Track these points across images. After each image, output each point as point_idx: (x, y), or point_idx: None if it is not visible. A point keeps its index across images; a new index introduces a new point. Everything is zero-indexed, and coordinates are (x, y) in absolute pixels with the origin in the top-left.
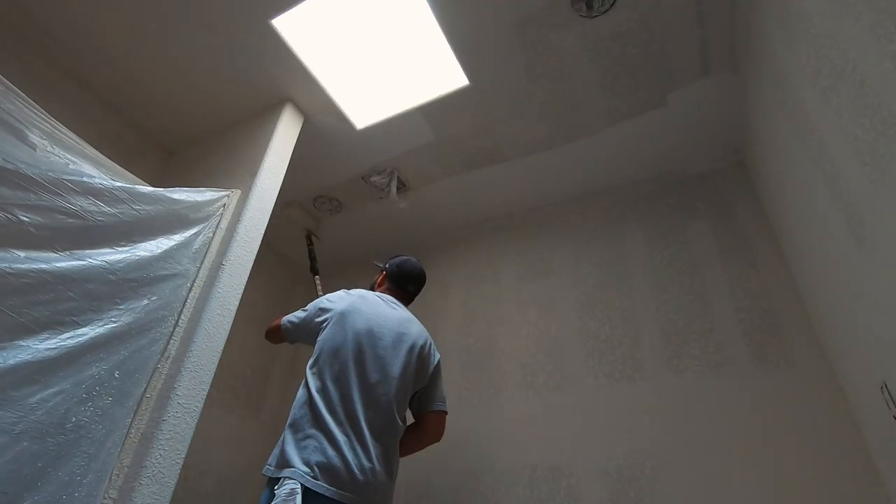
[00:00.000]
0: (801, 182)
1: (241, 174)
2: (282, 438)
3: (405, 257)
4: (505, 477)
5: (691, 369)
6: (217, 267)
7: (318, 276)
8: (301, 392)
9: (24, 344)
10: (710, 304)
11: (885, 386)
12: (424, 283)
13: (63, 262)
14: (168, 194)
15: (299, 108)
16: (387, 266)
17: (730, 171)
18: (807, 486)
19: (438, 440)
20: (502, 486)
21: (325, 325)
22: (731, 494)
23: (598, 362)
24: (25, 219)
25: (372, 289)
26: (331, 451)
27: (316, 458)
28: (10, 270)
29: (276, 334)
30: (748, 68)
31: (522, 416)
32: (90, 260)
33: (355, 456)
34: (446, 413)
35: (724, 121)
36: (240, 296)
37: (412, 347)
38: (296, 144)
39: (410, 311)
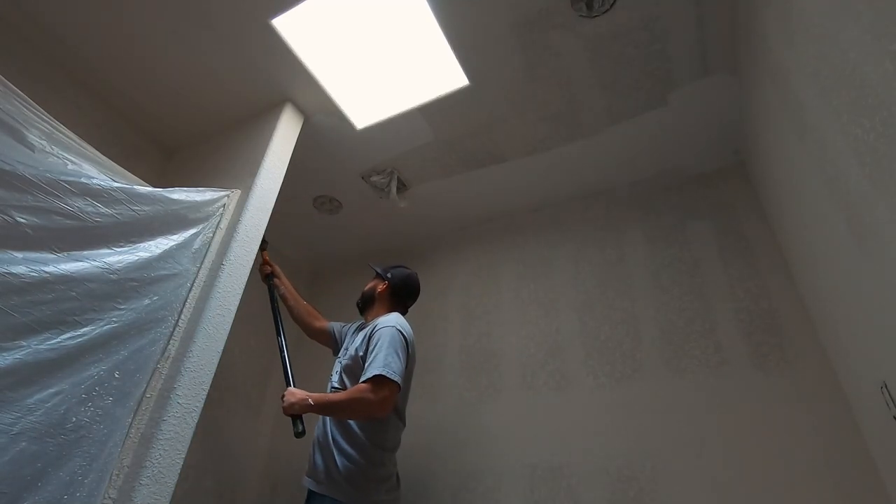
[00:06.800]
0: (800, 182)
1: (241, 174)
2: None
3: (407, 270)
4: (505, 477)
5: (691, 369)
6: (217, 267)
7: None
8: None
9: (23, 344)
10: (710, 304)
11: (885, 386)
12: None
13: (62, 263)
14: (167, 194)
15: (299, 108)
16: (389, 276)
17: (730, 171)
18: (807, 485)
19: None
20: (502, 487)
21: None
22: (731, 494)
23: (598, 362)
24: (22, 220)
25: (371, 294)
26: None
27: None
28: (7, 272)
29: (391, 399)
30: (748, 68)
31: (522, 416)
32: (88, 261)
33: None
34: None
35: (724, 121)
36: (240, 296)
37: None
38: (296, 144)
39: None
